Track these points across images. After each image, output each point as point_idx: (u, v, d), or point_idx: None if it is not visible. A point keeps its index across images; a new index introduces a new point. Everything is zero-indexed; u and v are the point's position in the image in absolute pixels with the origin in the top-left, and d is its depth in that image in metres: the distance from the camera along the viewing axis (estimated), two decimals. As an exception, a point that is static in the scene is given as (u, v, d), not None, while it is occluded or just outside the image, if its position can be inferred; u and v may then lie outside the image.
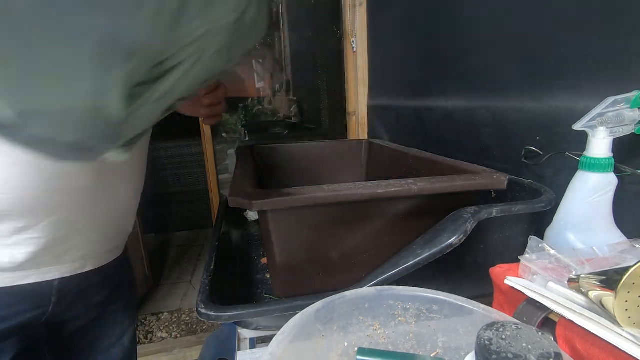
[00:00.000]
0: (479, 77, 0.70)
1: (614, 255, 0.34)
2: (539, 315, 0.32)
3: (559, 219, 0.44)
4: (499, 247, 0.47)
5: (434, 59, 0.87)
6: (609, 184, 0.41)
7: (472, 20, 0.70)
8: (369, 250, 0.46)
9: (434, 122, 0.89)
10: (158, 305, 2.01)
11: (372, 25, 1.30)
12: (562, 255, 0.36)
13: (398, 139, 1.10)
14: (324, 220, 0.43)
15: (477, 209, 0.43)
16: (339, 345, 0.31)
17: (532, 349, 0.20)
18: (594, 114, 0.40)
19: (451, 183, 0.44)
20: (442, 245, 0.40)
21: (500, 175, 0.47)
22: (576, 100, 0.50)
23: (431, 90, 0.89)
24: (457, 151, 0.79)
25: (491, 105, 0.67)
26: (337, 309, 0.32)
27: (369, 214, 0.44)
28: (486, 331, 0.22)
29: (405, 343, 0.33)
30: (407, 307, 0.33)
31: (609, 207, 0.41)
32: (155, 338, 1.75)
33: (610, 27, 0.45)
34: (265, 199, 0.39)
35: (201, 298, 0.41)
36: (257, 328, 0.43)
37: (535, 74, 0.56)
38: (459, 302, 0.31)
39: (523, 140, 0.60)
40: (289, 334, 0.28)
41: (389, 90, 1.19)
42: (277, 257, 0.44)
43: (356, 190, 0.41)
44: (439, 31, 0.83)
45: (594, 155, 0.40)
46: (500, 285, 0.37)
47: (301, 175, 0.89)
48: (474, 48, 0.71)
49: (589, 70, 0.48)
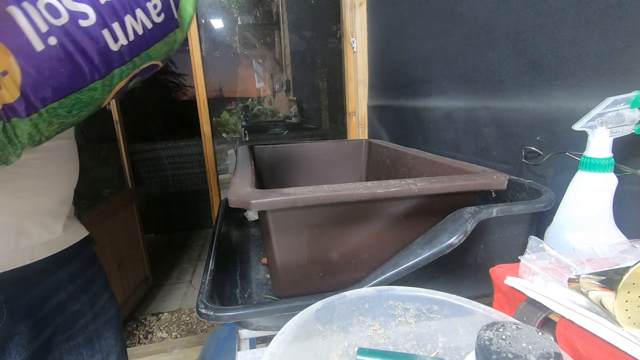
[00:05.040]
0: (479, 77, 0.70)
1: (614, 255, 0.34)
2: (539, 315, 0.32)
3: (559, 219, 0.44)
4: (499, 247, 0.47)
5: (434, 59, 0.87)
6: (609, 184, 0.41)
7: (472, 20, 0.70)
8: (369, 250, 0.46)
9: (434, 122, 0.89)
10: (158, 305, 2.01)
11: (372, 25, 1.30)
12: (562, 255, 0.36)
13: (398, 139, 1.10)
14: (324, 220, 0.43)
15: (477, 209, 0.43)
16: (339, 345, 0.31)
17: (532, 349, 0.20)
18: (594, 114, 0.40)
19: (451, 183, 0.44)
20: (442, 245, 0.40)
21: (500, 175, 0.47)
22: (576, 100, 0.50)
23: (431, 90, 0.89)
24: (457, 151, 0.79)
25: (491, 105, 0.67)
26: (337, 309, 0.32)
27: (369, 214, 0.44)
28: (486, 331, 0.22)
29: (405, 343, 0.33)
30: (407, 307, 0.33)
31: (609, 207, 0.41)
32: (155, 338, 1.75)
33: (610, 27, 0.45)
34: (265, 199, 0.39)
35: (201, 298, 0.41)
36: (257, 328, 0.43)
37: (535, 74, 0.56)
38: (459, 302, 0.31)
39: (523, 140, 0.60)
40: (289, 334, 0.28)
41: (389, 90, 1.19)
42: (277, 257, 0.44)
43: (356, 190, 0.41)
44: (439, 31, 0.83)
45: (594, 155, 0.40)
46: (500, 285, 0.37)
47: (301, 175, 0.90)
48: (474, 48, 0.71)
49: (589, 70, 0.48)
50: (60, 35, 0.31)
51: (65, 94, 0.32)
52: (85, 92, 0.33)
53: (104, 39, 0.33)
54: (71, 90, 0.32)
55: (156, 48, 0.38)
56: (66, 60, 0.31)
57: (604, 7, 0.45)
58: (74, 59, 0.31)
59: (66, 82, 0.32)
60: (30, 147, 0.34)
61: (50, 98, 0.31)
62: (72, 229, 0.54)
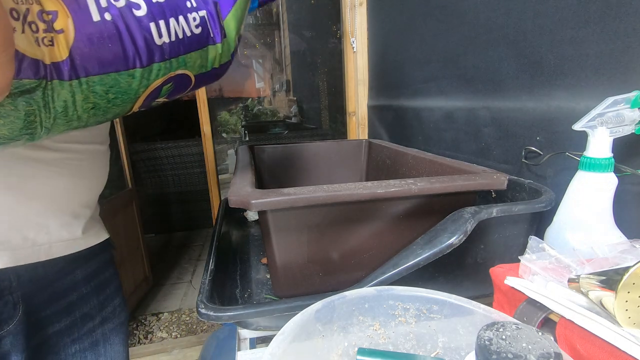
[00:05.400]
0: (479, 77, 0.70)
1: (614, 255, 0.34)
2: (539, 315, 0.32)
3: (559, 219, 0.44)
4: (499, 247, 0.47)
5: (434, 59, 0.87)
6: (609, 184, 0.41)
7: (472, 20, 0.70)
8: (369, 250, 0.46)
9: (434, 122, 0.89)
10: (158, 305, 2.01)
11: (372, 25, 1.30)
12: (562, 255, 0.36)
13: (398, 139, 1.10)
14: (324, 221, 0.43)
15: (477, 209, 0.43)
16: (339, 345, 0.31)
17: (532, 349, 0.20)
18: (594, 114, 0.40)
19: (451, 183, 0.44)
20: (442, 245, 0.40)
21: (500, 175, 0.47)
22: (576, 100, 0.50)
23: (431, 90, 0.89)
24: (457, 151, 0.79)
25: (491, 105, 0.67)
26: (337, 309, 0.32)
27: (369, 214, 0.44)
28: (486, 331, 0.22)
29: (405, 343, 0.33)
30: (407, 307, 0.33)
31: (609, 207, 0.41)
32: (155, 338, 1.75)
33: (610, 27, 0.45)
34: (265, 199, 0.39)
35: (201, 298, 0.41)
36: (257, 328, 0.43)
37: (535, 74, 0.56)
38: (459, 302, 0.31)
39: (523, 140, 0.60)
40: (289, 334, 0.28)
41: (389, 90, 1.19)
42: (277, 257, 0.44)
43: (356, 190, 0.41)
44: (439, 31, 0.83)
45: (594, 155, 0.40)
46: (500, 285, 0.37)
47: (301, 175, 0.90)
48: (474, 48, 0.71)
49: (589, 70, 0.48)
50: (116, 14, 0.34)
51: (107, 71, 0.33)
52: (124, 76, 0.35)
53: (151, 30, 0.36)
54: (113, 68, 0.34)
55: (192, 57, 0.41)
56: (115, 38, 0.33)
57: (604, 7, 0.45)
58: (122, 39, 0.34)
59: (110, 58, 0.33)
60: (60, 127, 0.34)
61: (92, 70, 0.33)
62: (93, 231, 0.54)
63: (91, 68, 0.33)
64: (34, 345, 0.47)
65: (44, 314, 0.48)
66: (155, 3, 0.37)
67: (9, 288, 0.43)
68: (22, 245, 0.44)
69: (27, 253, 0.44)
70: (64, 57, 0.31)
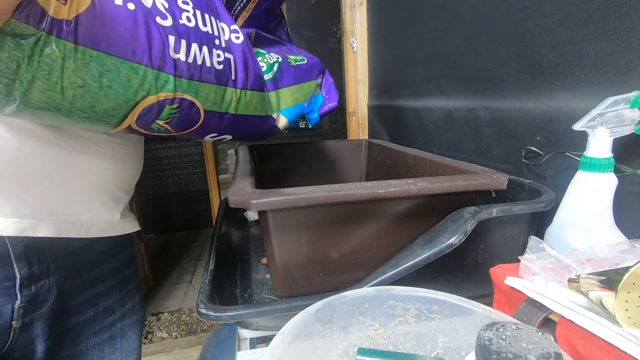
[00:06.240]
0: (479, 77, 0.70)
1: (614, 255, 0.34)
2: (539, 315, 0.32)
3: (559, 219, 0.44)
4: (499, 247, 0.47)
5: (434, 59, 0.87)
6: (609, 184, 0.41)
7: (472, 20, 0.70)
8: (369, 250, 0.46)
9: (434, 122, 0.89)
10: (158, 305, 2.01)
11: (372, 25, 1.30)
12: (562, 255, 0.36)
13: (398, 139, 1.10)
14: (324, 221, 0.43)
15: (477, 209, 0.43)
16: (339, 345, 0.31)
17: (532, 349, 0.20)
18: (594, 114, 0.40)
19: (451, 183, 0.44)
20: (442, 245, 0.40)
21: (500, 175, 0.47)
22: (576, 100, 0.50)
23: (431, 90, 0.89)
24: (457, 151, 0.79)
25: (491, 105, 0.67)
26: (337, 309, 0.32)
27: (369, 214, 0.44)
28: (486, 331, 0.22)
29: (405, 343, 0.33)
30: (407, 307, 0.33)
31: (609, 207, 0.41)
32: (155, 338, 1.75)
33: (610, 27, 0.45)
34: (265, 199, 0.39)
35: (201, 298, 0.41)
36: (257, 328, 0.43)
37: (535, 74, 0.56)
38: (459, 302, 0.31)
39: (523, 140, 0.60)
40: (289, 334, 0.28)
41: (389, 90, 1.19)
42: (277, 257, 0.44)
43: (356, 190, 0.41)
44: (439, 31, 0.83)
45: (594, 155, 0.40)
46: (500, 285, 0.37)
47: (301, 175, 0.90)
48: (474, 48, 0.71)
49: (589, 70, 0.48)
50: (139, 10, 0.34)
51: (109, 52, 0.33)
52: (126, 67, 0.34)
53: (169, 41, 0.36)
54: (117, 52, 0.33)
55: (204, 87, 0.41)
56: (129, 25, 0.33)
57: (604, 7, 0.45)
58: (137, 29, 0.34)
59: (117, 42, 0.33)
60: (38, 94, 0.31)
61: (95, 44, 0.32)
62: (129, 219, 0.55)
63: (94, 42, 0.31)
64: (58, 334, 0.48)
65: (72, 302, 0.49)
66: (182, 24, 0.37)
67: (47, 272, 0.44)
68: (67, 219, 0.44)
69: (69, 227, 0.45)
70: (70, 17, 0.30)
